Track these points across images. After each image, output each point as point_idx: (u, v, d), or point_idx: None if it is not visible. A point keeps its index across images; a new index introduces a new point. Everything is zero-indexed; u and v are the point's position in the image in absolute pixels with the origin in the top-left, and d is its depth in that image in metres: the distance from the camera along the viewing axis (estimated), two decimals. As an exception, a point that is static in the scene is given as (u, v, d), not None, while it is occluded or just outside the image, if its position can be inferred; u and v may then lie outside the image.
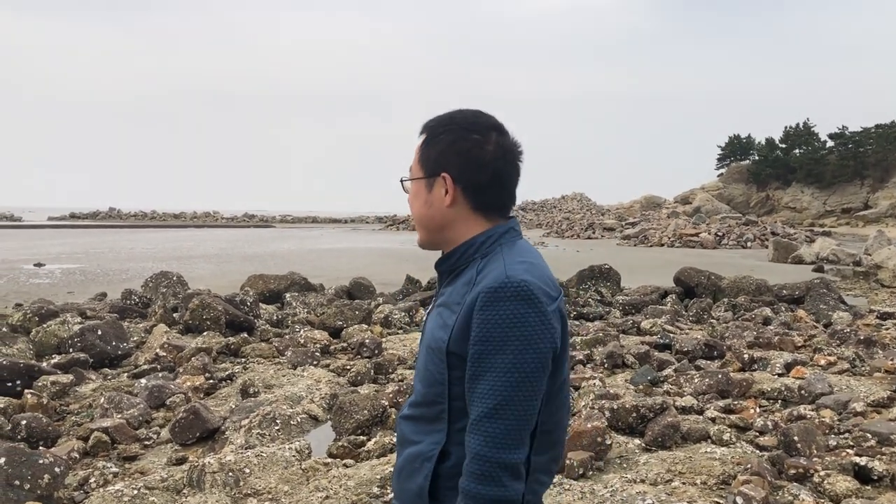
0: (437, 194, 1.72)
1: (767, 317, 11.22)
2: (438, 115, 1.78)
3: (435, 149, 1.72)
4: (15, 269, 21.41)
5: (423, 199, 1.74)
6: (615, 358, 8.02)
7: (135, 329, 9.74)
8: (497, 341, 1.51)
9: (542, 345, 1.53)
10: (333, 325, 10.05)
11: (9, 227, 59.18)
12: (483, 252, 1.68)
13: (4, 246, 33.01)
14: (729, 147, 79.94)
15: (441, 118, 1.76)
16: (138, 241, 39.81)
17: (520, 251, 1.67)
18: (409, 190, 1.79)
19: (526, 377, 1.51)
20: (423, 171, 1.74)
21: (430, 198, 1.73)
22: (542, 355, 1.54)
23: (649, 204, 66.09)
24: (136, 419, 5.97)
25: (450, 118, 1.75)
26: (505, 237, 1.70)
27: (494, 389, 1.51)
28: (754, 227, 44.29)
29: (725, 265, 22.82)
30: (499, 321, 1.52)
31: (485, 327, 1.53)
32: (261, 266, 20.72)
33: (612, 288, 14.52)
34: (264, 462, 4.73)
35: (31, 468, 4.45)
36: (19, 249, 30.55)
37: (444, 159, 1.70)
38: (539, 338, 1.53)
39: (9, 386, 6.65)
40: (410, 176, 1.78)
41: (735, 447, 5.24)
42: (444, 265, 1.76)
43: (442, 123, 1.74)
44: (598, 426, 5.07)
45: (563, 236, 50.72)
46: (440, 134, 1.73)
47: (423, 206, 1.74)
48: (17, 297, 14.86)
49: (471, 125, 1.72)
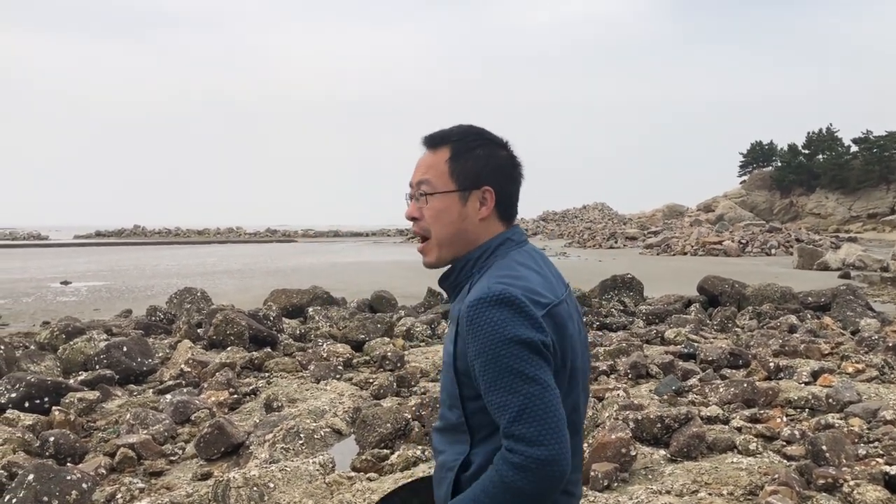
0: (471, 208, 1.72)
1: (793, 324, 11.09)
2: (450, 128, 1.78)
3: (472, 162, 1.72)
4: (42, 288, 21.70)
5: (457, 212, 1.72)
6: (639, 368, 7.97)
7: (160, 345, 9.83)
8: (490, 351, 1.53)
9: (532, 339, 1.53)
10: (356, 338, 10.08)
11: (36, 245, 60.02)
12: (479, 266, 1.71)
13: (32, 265, 33.48)
14: (751, 154, 79.36)
15: (465, 131, 1.77)
16: (163, 257, 40.21)
17: (510, 264, 1.67)
18: (431, 204, 1.74)
19: (530, 374, 1.51)
20: (457, 185, 1.72)
21: (465, 211, 1.72)
22: (537, 349, 1.54)
23: (671, 212, 65.75)
24: (161, 435, 6.02)
25: (473, 130, 1.77)
26: (499, 250, 1.72)
27: (510, 394, 1.51)
28: (778, 234, 43.90)
29: (750, 273, 22.62)
30: (485, 331, 1.54)
31: (477, 341, 1.55)
32: (283, 281, 20.84)
33: (635, 297, 14.44)
34: (288, 476, 4.75)
35: (59, 484, 4.49)
36: (46, 268, 30.96)
37: (486, 172, 1.72)
38: (527, 334, 1.53)
39: (37, 403, 6.74)
40: (432, 189, 1.73)
41: (762, 457, 5.18)
42: (446, 282, 1.79)
43: (471, 136, 1.76)
44: (622, 437, 5.03)
45: (584, 246, 50.55)
46: (475, 147, 1.73)
47: (457, 221, 1.72)
48: (45, 315, 15.05)
49: (494, 140, 1.77)
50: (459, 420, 1.67)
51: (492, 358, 1.53)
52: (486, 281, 1.62)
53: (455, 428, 1.69)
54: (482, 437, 1.63)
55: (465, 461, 1.65)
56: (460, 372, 1.63)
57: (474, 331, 1.55)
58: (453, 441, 1.69)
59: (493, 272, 1.65)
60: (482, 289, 1.59)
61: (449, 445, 1.70)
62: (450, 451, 1.69)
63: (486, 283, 1.61)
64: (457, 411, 1.67)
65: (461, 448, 1.66)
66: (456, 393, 1.65)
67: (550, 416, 1.50)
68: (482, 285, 1.61)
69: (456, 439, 1.68)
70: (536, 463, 1.48)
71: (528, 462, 1.48)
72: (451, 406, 1.69)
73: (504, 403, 1.52)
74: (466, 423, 1.65)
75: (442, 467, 1.71)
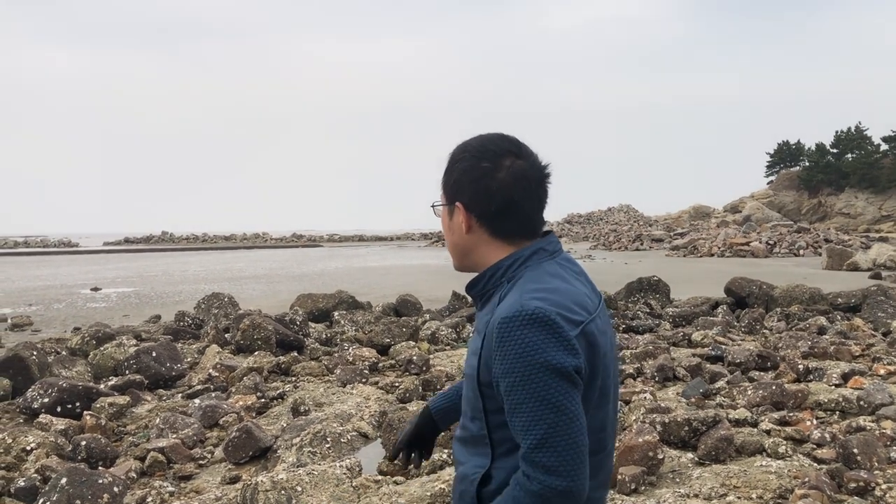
0: (456, 221, 1.74)
1: (822, 326, 10.95)
2: (464, 140, 1.79)
3: (451, 177, 1.74)
4: (73, 294, 22.02)
5: (447, 224, 1.78)
6: (666, 371, 7.92)
7: (188, 350, 9.94)
8: (520, 373, 1.49)
9: (565, 366, 1.50)
10: (381, 342, 10.12)
11: (66, 252, 60.93)
12: (509, 276, 1.67)
13: (63, 271, 33.99)
14: (778, 154, 78.46)
15: (460, 146, 1.78)
16: (190, 263, 40.62)
17: (542, 276, 1.63)
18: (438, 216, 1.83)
19: (558, 403, 1.48)
20: (446, 199, 1.77)
21: (452, 224, 1.76)
22: (568, 377, 1.50)
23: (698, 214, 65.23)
24: (190, 439, 6.09)
25: (465, 146, 1.76)
26: (531, 260, 1.68)
27: (535, 421, 1.49)
28: (807, 235, 43.36)
29: (777, 274, 22.37)
30: (518, 352, 1.50)
31: (506, 360, 1.52)
32: (309, 285, 20.97)
33: (662, 300, 14.34)
34: (316, 480, 4.78)
35: (91, 488, 4.56)
36: (77, 274, 31.43)
37: (458, 188, 1.72)
38: (560, 360, 1.50)
39: (69, 408, 6.84)
40: (436, 202, 1.82)
41: (792, 460, 5.12)
42: (473, 290, 1.76)
43: (459, 151, 1.76)
44: (649, 440, 5.00)
45: (610, 248, 50.29)
46: (456, 162, 1.75)
47: (447, 232, 1.79)
48: (76, 321, 15.27)
49: (483, 152, 1.71)
50: (481, 432, 1.65)
51: (520, 381, 1.50)
52: (517, 294, 1.58)
53: (476, 439, 1.67)
54: (504, 451, 1.62)
55: (485, 475, 1.64)
56: (483, 384, 1.61)
57: (504, 349, 1.52)
58: (474, 453, 1.68)
59: (524, 284, 1.61)
60: (514, 304, 1.55)
61: (469, 457, 1.69)
62: (470, 462, 1.68)
63: (517, 296, 1.57)
64: (478, 423, 1.66)
65: (481, 461, 1.65)
66: (479, 405, 1.64)
67: (573, 447, 1.48)
68: (514, 299, 1.57)
69: (477, 451, 1.67)
70: (553, 493, 1.47)
71: (546, 491, 1.47)
72: (472, 417, 1.68)
73: (527, 428, 1.50)
74: (489, 436, 1.64)
75: (462, 479, 1.70)
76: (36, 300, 20.18)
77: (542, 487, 1.47)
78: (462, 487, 1.69)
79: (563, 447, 1.48)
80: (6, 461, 5.47)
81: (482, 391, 1.62)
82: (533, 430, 1.49)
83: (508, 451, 1.61)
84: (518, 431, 1.52)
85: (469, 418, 1.70)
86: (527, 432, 1.50)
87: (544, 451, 1.48)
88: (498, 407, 1.59)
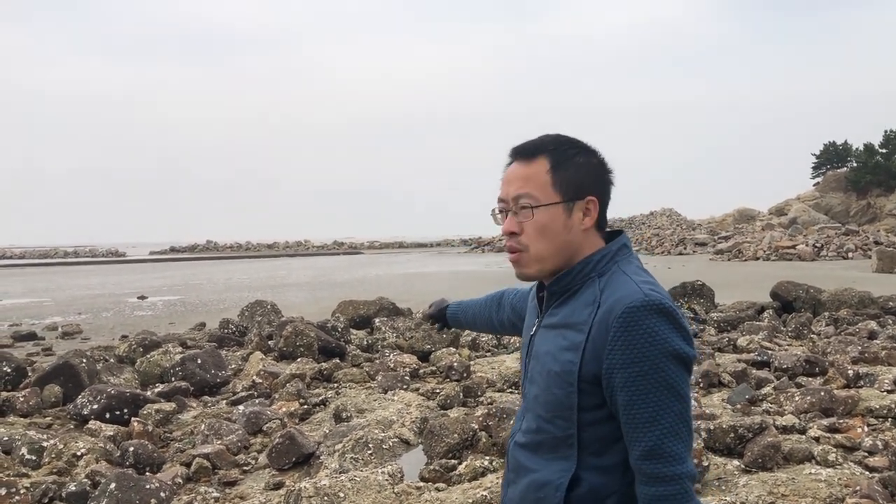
0: (576, 218, 1.66)
1: (873, 330, 10.68)
2: (540, 138, 1.72)
3: (573, 172, 1.66)
4: (120, 303, 22.49)
5: (562, 224, 1.65)
6: (711, 377, 7.79)
7: (232, 357, 10.07)
8: (646, 362, 1.48)
9: (689, 354, 1.51)
10: (422, 348, 10.13)
11: (114, 262, 62.24)
12: (599, 270, 1.63)
13: (110, 280, 34.72)
14: (824, 155, 76.84)
15: (559, 140, 1.70)
16: (234, 271, 41.21)
17: (638, 270, 1.63)
18: (535, 218, 1.65)
19: (682, 391, 1.50)
20: (561, 196, 1.65)
21: (570, 222, 1.65)
22: (689, 366, 1.52)
23: (742, 217, 64.17)
24: (234, 445, 6.16)
25: (567, 139, 1.71)
26: (619, 254, 1.66)
27: (663, 409, 1.48)
28: (855, 237, 42.40)
29: (825, 277, 21.91)
30: (645, 340, 1.48)
31: (630, 349, 1.49)
32: (351, 292, 21.11)
33: (706, 305, 14.13)
34: (358, 486, 4.80)
35: (139, 493, 4.65)
36: (124, 283, 32.08)
37: (588, 182, 1.67)
38: (685, 349, 1.51)
39: (117, 414, 6.98)
40: (536, 202, 1.65)
41: (842, 468, 5.00)
42: (557, 285, 1.68)
43: (567, 145, 1.70)
44: (694, 448, 4.92)
45: (652, 253, 49.76)
46: (574, 156, 1.67)
47: (562, 233, 1.65)
48: (123, 329, 15.59)
49: (587, 147, 1.71)
50: (566, 433, 1.59)
51: (649, 370, 1.48)
52: (631, 285, 1.56)
53: (557, 441, 1.60)
54: (591, 452, 1.57)
55: (573, 478, 1.57)
56: (586, 379, 1.55)
57: (630, 338, 1.49)
58: (552, 458, 1.61)
59: (633, 276, 1.59)
60: (635, 293, 1.53)
61: (546, 462, 1.62)
62: (549, 468, 1.61)
63: (633, 287, 1.55)
64: (563, 423, 1.59)
65: (566, 464, 1.59)
66: (571, 403, 1.57)
67: (690, 434, 1.51)
68: (630, 289, 1.54)
69: (556, 455, 1.60)
70: (689, 479, 1.49)
71: (684, 484, 1.49)
72: (554, 418, 1.61)
73: (654, 418, 1.48)
74: (577, 437, 1.58)
75: (541, 486, 1.61)
76: (85, 309, 20.66)
77: (679, 485, 1.48)
78: (540, 495, 1.61)
79: (686, 434, 1.50)
80: (58, 466, 5.60)
81: (581, 387, 1.56)
82: (661, 419, 1.48)
83: (596, 453, 1.57)
84: (639, 423, 1.49)
85: (545, 420, 1.63)
86: (654, 423, 1.48)
87: (672, 439, 1.48)
88: (595, 403, 1.56)
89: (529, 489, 1.64)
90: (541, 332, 1.71)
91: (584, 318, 1.58)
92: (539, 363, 1.67)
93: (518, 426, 1.75)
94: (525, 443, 1.69)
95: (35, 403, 7.49)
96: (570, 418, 1.58)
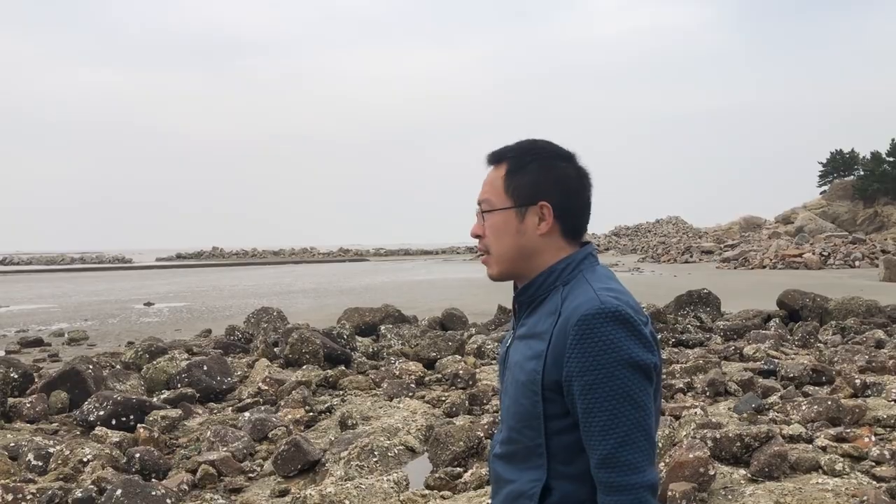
0: (529, 223, 1.67)
1: (880, 339, 10.64)
2: (511, 144, 1.74)
3: (527, 177, 1.67)
4: (126, 309, 22.54)
5: (515, 228, 1.67)
6: (717, 386, 7.77)
7: (238, 364, 10.08)
8: (602, 370, 1.47)
9: (646, 362, 1.50)
10: (427, 356, 10.13)
11: (120, 268, 62.43)
12: (564, 279, 1.64)
13: (117, 287, 34.82)
14: (831, 163, 76.67)
15: (522, 146, 1.72)
16: (240, 278, 41.29)
17: (601, 277, 1.63)
18: (489, 221, 1.71)
19: (638, 399, 1.48)
20: (514, 201, 1.68)
21: (523, 227, 1.67)
22: (647, 373, 1.51)
23: (749, 225, 64.11)
24: (240, 452, 6.16)
25: (532, 145, 1.72)
26: (584, 263, 1.66)
27: (617, 418, 1.47)
28: (862, 246, 42.28)
29: (832, 286, 21.83)
30: (599, 348, 1.48)
31: (586, 357, 1.49)
32: (356, 299, 21.13)
33: (712, 313, 14.11)
34: (363, 494, 4.80)
35: (145, 499, 4.65)
36: (130, 290, 32.17)
37: (540, 187, 1.67)
38: (642, 356, 1.50)
39: (123, 420, 6.99)
40: (490, 207, 1.71)
41: (849, 478, 4.98)
42: (524, 295, 1.71)
43: (526, 151, 1.71)
44: (700, 456, 4.92)
45: (658, 261, 49.69)
46: (529, 162, 1.69)
47: (515, 236, 1.68)
48: (129, 335, 15.62)
49: (555, 152, 1.70)
50: (535, 442, 1.59)
51: (603, 378, 1.48)
52: (590, 292, 1.56)
53: (529, 451, 1.61)
54: (560, 460, 1.57)
55: (545, 488, 1.57)
56: (548, 387, 1.55)
57: (585, 346, 1.49)
58: (525, 467, 1.62)
59: (592, 283, 1.58)
60: (592, 301, 1.53)
61: (520, 473, 1.62)
62: (521, 478, 1.61)
63: (591, 294, 1.55)
64: (530, 433, 1.59)
65: (536, 474, 1.59)
66: (537, 412, 1.57)
67: (650, 442, 1.50)
68: (588, 296, 1.54)
69: (528, 465, 1.61)
70: (646, 489, 1.48)
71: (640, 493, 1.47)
72: (523, 428, 1.61)
73: (608, 427, 1.48)
74: (546, 445, 1.58)
75: (517, 497, 1.62)
76: (91, 315, 20.71)
77: (634, 495, 1.47)
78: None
79: (643, 443, 1.49)
80: (64, 472, 5.61)
81: (545, 395, 1.56)
82: (616, 428, 1.47)
83: (565, 461, 1.56)
84: (595, 432, 1.49)
85: (516, 431, 1.63)
86: (608, 431, 1.47)
87: (628, 448, 1.47)
88: (559, 412, 1.55)
89: (507, 500, 1.65)
90: (514, 344, 1.71)
91: (547, 327, 1.59)
92: (511, 374, 1.69)
93: (497, 438, 1.76)
94: (501, 454, 1.70)
95: (42, 409, 7.51)
96: (538, 427, 1.58)
